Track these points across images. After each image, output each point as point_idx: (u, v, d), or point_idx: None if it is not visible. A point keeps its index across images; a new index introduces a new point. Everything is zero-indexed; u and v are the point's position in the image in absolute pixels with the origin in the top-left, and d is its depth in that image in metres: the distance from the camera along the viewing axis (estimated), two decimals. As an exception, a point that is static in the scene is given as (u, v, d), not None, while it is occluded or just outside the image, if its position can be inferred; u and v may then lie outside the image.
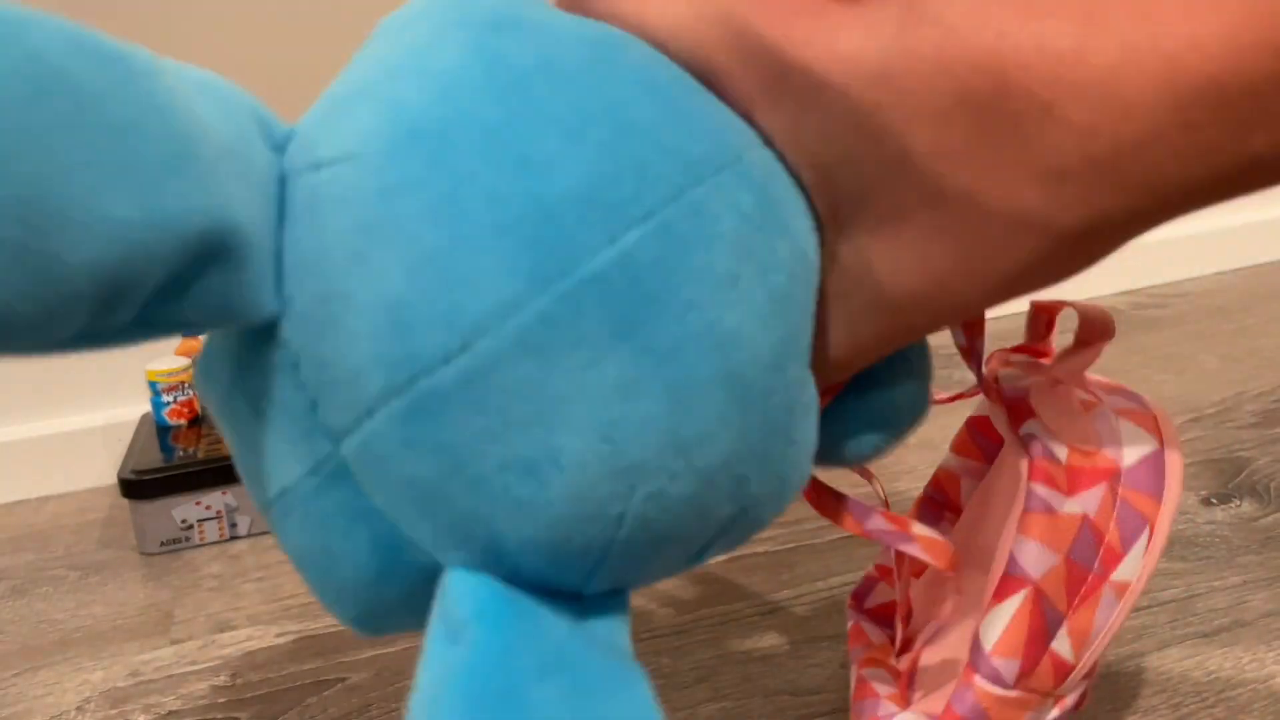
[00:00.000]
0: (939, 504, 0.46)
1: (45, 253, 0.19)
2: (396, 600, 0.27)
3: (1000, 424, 0.38)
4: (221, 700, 0.52)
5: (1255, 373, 0.86)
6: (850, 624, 0.47)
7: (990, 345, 0.38)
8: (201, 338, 0.28)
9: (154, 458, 0.72)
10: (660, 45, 0.28)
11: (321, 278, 0.24)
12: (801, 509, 0.68)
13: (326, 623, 0.59)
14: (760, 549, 0.63)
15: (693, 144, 0.25)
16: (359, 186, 0.24)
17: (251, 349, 0.26)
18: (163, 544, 0.71)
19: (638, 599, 0.58)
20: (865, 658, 0.44)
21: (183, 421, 0.79)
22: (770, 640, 0.53)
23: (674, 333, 0.24)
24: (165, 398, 0.78)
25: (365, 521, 0.26)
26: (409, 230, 0.24)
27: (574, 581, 0.26)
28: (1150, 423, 0.37)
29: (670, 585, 0.60)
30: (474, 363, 0.23)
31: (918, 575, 0.45)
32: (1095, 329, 0.37)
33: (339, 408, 0.25)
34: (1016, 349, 0.40)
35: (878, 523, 0.34)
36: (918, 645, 0.42)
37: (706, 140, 0.26)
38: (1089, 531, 0.35)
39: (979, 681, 0.35)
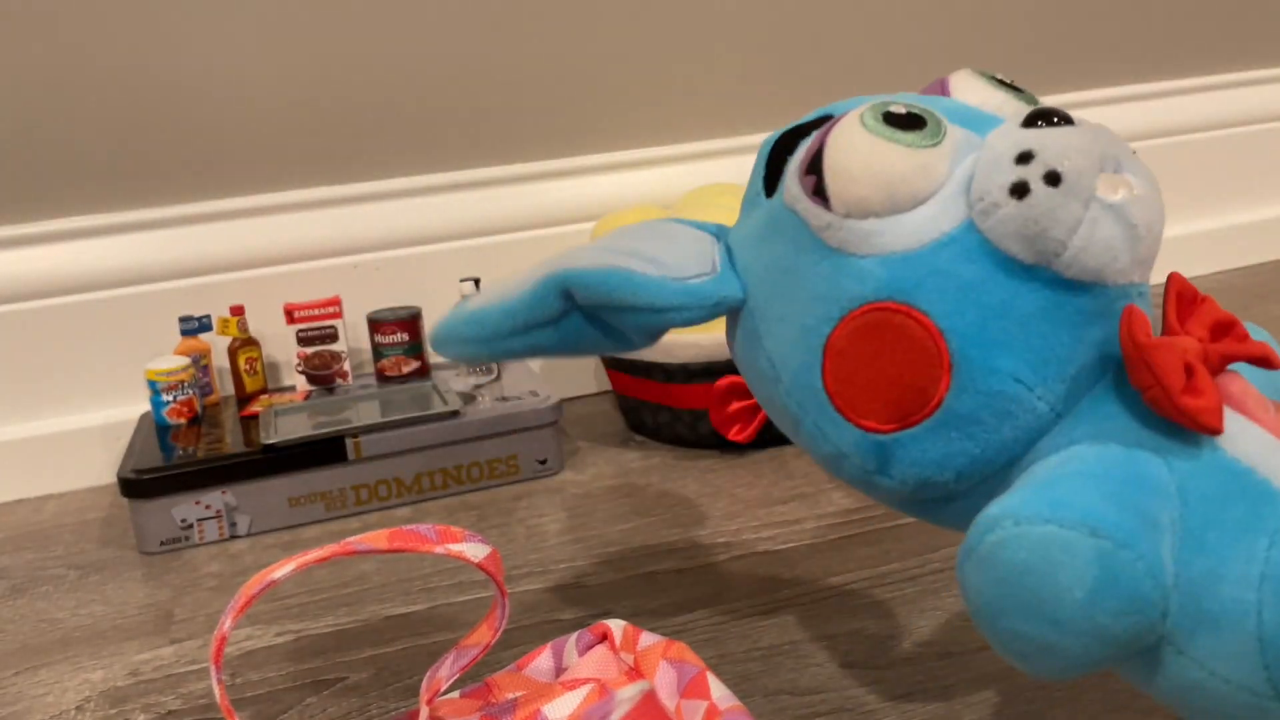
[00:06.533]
0: None
1: None
2: None
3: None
4: (221, 700, 0.52)
5: (1256, 373, 0.86)
6: None
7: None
8: (201, 337, 0.28)
9: (154, 457, 0.72)
10: None
11: None
12: (802, 509, 0.68)
13: (326, 622, 0.59)
14: (761, 549, 0.63)
15: None
16: None
17: None
18: (162, 543, 0.71)
19: (637, 598, 0.58)
20: None
21: (182, 421, 0.79)
22: (770, 640, 0.53)
23: None
24: (165, 397, 0.78)
25: None
26: None
27: None
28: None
29: (670, 585, 0.60)
30: None
31: None
32: None
33: None
34: None
35: None
36: None
37: None
38: None
39: None
